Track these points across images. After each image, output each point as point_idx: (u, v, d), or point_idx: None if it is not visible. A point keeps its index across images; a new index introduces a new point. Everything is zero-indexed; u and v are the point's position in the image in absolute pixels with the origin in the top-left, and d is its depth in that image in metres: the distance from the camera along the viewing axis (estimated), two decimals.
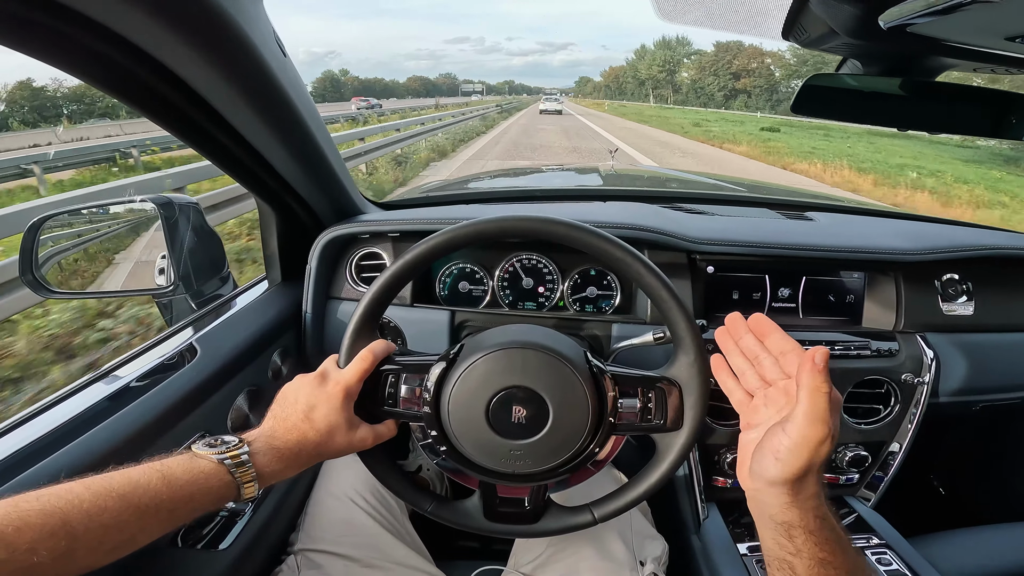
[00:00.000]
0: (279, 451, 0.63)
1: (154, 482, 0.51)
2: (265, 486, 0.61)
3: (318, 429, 0.65)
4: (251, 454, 0.60)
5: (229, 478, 0.57)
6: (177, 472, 0.54)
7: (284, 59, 0.71)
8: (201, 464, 0.56)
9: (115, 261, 1.06)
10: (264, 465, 0.61)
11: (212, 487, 0.56)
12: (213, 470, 0.56)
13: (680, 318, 0.70)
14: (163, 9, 0.52)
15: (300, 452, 0.64)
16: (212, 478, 0.56)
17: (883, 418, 1.04)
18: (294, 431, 0.65)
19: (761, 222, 1.20)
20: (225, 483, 0.57)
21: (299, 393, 0.67)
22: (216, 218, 5.10)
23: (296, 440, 0.64)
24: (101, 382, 0.77)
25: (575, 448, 0.69)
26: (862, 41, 0.67)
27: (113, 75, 0.60)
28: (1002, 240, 1.13)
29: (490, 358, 0.68)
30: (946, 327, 1.07)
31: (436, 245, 0.71)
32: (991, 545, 1.05)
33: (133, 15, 0.51)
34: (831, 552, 0.53)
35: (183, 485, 0.53)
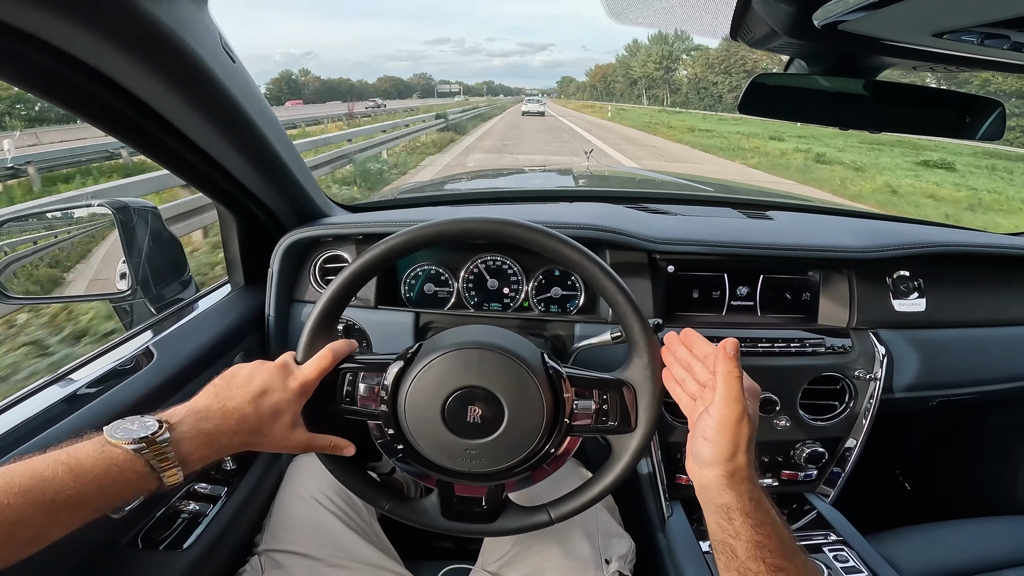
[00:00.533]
0: (208, 435, 0.58)
1: (60, 475, 0.48)
2: (190, 471, 0.57)
3: (260, 414, 0.63)
4: (174, 440, 0.55)
5: (146, 468, 0.53)
6: (86, 463, 0.50)
7: (233, 64, 0.71)
8: (113, 454, 0.51)
9: (71, 266, 1.04)
10: (189, 452, 0.56)
11: (127, 479, 0.51)
12: (127, 461, 0.52)
13: (634, 320, 0.71)
14: (96, 21, 0.52)
15: (233, 436, 0.61)
16: (127, 470, 0.51)
17: (839, 414, 1.07)
18: (235, 413, 0.61)
19: (721, 221, 1.22)
20: (142, 473, 0.52)
21: (255, 375, 0.65)
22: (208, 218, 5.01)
23: (234, 423, 0.61)
24: (56, 385, 0.77)
25: (531, 448, 0.70)
26: (800, 40, 0.68)
27: (54, 84, 0.60)
28: (953, 237, 1.16)
29: (447, 357, 0.69)
30: (898, 323, 1.10)
31: (395, 246, 0.71)
32: (950, 541, 1.07)
33: (66, 28, 0.51)
34: (767, 535, 0.56)
35: (93, 477, 0.49)
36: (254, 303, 1.07)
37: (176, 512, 0.87)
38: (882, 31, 0.62)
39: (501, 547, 0.93)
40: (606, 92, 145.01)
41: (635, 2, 0.75)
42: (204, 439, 0.58)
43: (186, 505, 0.89)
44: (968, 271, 1.16)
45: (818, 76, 0.78)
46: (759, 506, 0.58)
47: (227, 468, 0.98)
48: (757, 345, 1.03)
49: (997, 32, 0.54)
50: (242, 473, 0.98)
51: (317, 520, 0.91)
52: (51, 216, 1.08)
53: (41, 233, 1.08)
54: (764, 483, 1.07)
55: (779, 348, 1.03)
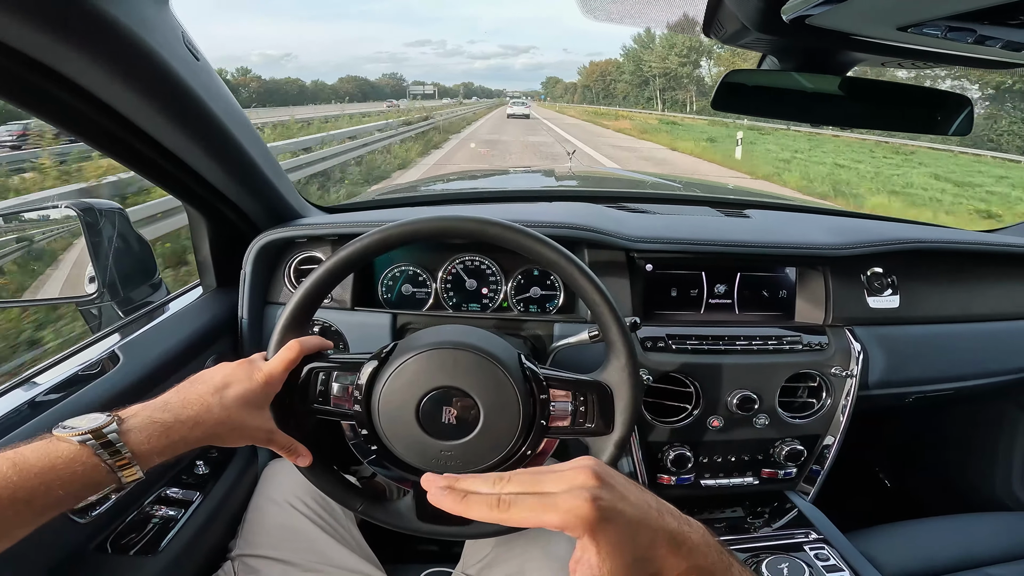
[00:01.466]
0: (165, 425, 0.56)
1: (4, 470, 0.46)
2: (149, 467, 0.55)
3: (225, 405, 0.61)
4: (124, 431, 0.53)
5: (95, 461, 0.51)
6: (30, 458, 0.48)
7: (197, 63, 0.69)
8: (59, 448, 0.50)
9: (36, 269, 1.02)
10: (140, 443, 0.54)
11: (75, 472, 0.50)
12: (73, 454, 0.50)
13: (611, 321, 0.71)
14: (51, 23, 0.50)
15: (195, 427, 0.59)
16: (73, 463, 0.50)
17: (816, 411, 1.07)
18: (196, 403, 0.60)
19: (699, 220, 1.22)
20: (92, 467, 0.51)
21: (217, 371, 0.65)
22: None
23: (194, 413, 0.59)
24: (20, 388, 0.75)
25: (507, 450, 0.69)
26: (769, 36, 0.69)
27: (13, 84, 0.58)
28: (925, 234, 1.17)
29: (422, 357, 0.68)
30: (872, 320, 1.11)
31: (370, 244, 0.70)
32: (930, 538, 1.08)
33: (21, 29, 0.50)
34: None
35: (37, 472, 0.48)
36: (227, 305, 1.05)
37: (147, 517, 0.85)
38: (848, 24, 0.62)
39: (482, 549, 0.92)
40: (604, 94, 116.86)
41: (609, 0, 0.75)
42: (159, 429, 0.56)
43: (157, 510, 0.86)
44: (940, 268, 1.17)
45: (790, 72, 0.79)
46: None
47: (200, 472, 0.95)
48: (735, 343, 1.03)
49: (962, 25, 0.54)
50: (215, 477, 0.95)
51: (292, 524, 0.89)
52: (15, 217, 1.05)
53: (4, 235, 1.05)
54: (744, 482, 1.08)
55: (757, 346, 1.03)
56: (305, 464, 0.71)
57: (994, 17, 0.50)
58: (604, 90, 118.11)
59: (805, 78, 0.78)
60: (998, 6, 0.46)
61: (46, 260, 1.02)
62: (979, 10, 0.48)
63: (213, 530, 0.91)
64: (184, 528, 0.85)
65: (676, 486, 1.07)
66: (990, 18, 0.51)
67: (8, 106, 0.70)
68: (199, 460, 0.96)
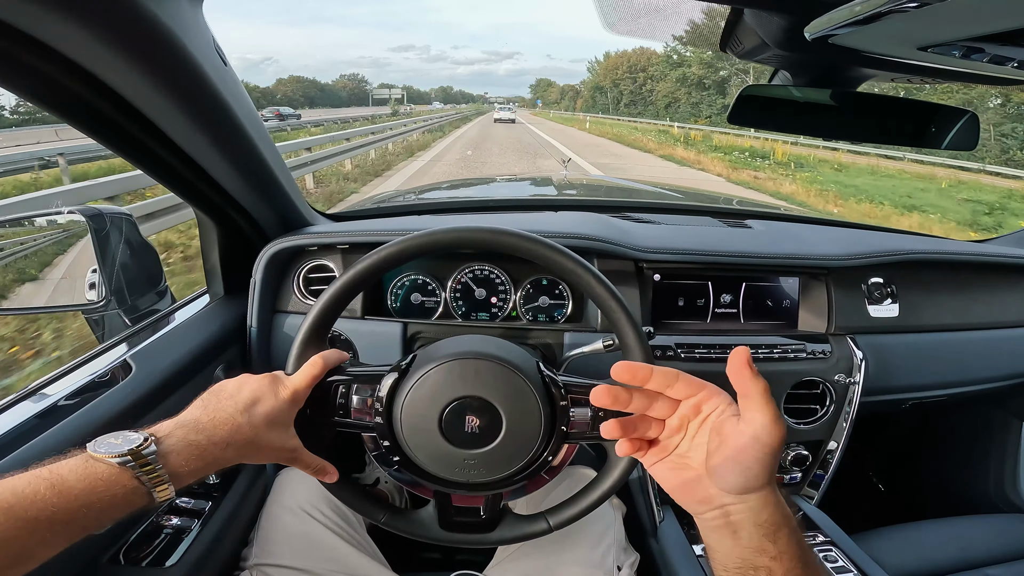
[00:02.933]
0: (199, 447, 0.56)
1: (42, 491, 0.45)
2: (182, 486, 0.55)
3: (254, 424, 0.61)
4: (162, 453, 0.53)
5: (134, 483, 0.50)
6: (69, 480, 0.47)
7: (224, 68, 0.69)
8: (98, 469, 0.49)
9: (41, 275, 1.00)
10: (179, 465, 0.54)
11: (115, 494, 0.49)
12: (113, 475, 0.49)
13: (627, 327, 0.71)
14: (94, 18, 0.50)
15: (227, 448, 0.58)
16: (114, 485, 0.49)
17: (820, 418, 1.09)
18: (227, 424, 0.59)
19: (704, 230, 1.24)
20: (130, 489, 0.50)
21: (243, 386, 0.63)
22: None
23: (227, 434, 0.58)
24: (29, 400, 0.73)
25: (528, 456, 0.69)
26: (789, 52, 0.71)
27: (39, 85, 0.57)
28: (924, 245, 1.21)
29: (443, 368, 0.68)
30: (873, 329, 1.14)
31: (388, 256, 0.70)
32: (931, 540, 1.11)
33: (61, 26, 0.49)
34: (807, 550, 0.52)
35: (77, 495, 0.47)
36: (235, 313, 1.04)
37: (158, 528, 0.84)
38: (870, 44, 0.64)
39: (507, 553, 0.93)
40: (631, 99, 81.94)
41: (628, 14, 0.77)
42: (195, 451, 0.56)
43: (168, 520, 0.85)
44: (938, 278, 1.21)
45: (804, 88, 0.81)
46: (793, 517, 0.52)
47: (210, 482, 0.94)
48: None
49: (980, 46, 0.56)
50: (226, 487, 0.95)
51: (308, 532, 0.89)
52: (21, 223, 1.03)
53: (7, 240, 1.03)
54: None
55: (763, 354, 1.05)
56: (333, 480, 0.71)
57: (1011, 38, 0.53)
58: (634, 92, 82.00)
59: (818, 93, 0.80)
60: (1017, 29, 0.48)
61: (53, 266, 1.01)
62: (1000, 32, 0.50)
63: (226, 540, 0.90)
64: (197, 539, 0.84)
65: None
66: (1008, 39, 0.53)
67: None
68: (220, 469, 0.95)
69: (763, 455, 0.51)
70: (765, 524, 0.51)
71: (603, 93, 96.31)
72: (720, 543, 0.53)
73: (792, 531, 0.51)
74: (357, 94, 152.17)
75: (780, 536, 0.51)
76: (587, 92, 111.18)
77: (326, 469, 0.70)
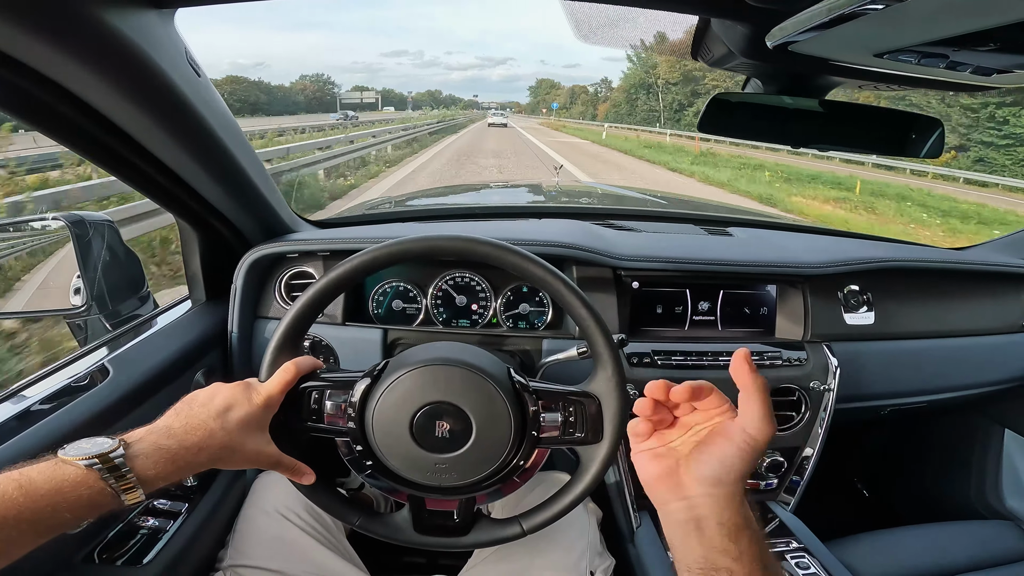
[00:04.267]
0: (170, 452, 0.57)
1: (10, 492, 0.47)
2: (152, 490, 0.56)
3: (228, 429, 0.62)
4: (130, 457, 0.54)
5: (101, 485, 0.52)
6: (37, 481, 0.49)
7: (198, 79, 0.70)
8: (66, 471, 0.51)
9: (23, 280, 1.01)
10: (147, 468, 0.55)
11: (81, 495, 0.50)
12: (80, 477, 0.51)
13: (597, 334, 0.72)
14: (61, 36, 0.51)
15: (199, 452, 0.59)
16: (80, 486, 0.51)
17: (795, 424, 1.10)
18: (199, 429, 0.60)
19: (683, 238, 1.26)
20: (97, 491, 0.51)
21: (216, 394, 0.65)
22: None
23: (199, 439, 0.60)
24: (8, 402, 0.74)
25: (499, 461, 0.70)
26: (754, 60, 0.72)
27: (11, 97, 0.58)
28: (900, 253, 1.22)
29: (414, 374, 0.69)
30: (849, 336, 1.15)
31: (361, 264, 0.71)
32: (908, 546, 1.12)
33: (24, 39, 0.50)
34: (769, 555, 0.52)
35: (44, 495, 0.48)
36: (216, 319, 1.05)
37: (134, 528, 0.84)
38: (828, 51, 0.66)
39: (482, 557, 0.93)
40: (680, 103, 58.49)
41: (602, 25, 0.78)
42: (165, 455, 0.57)
43: (144, 521, 0.86)
44: (913, 286, 1.22)
45: (774, 95, 0.82)
46: (755, 521, 0.53)
47: (188, 484, 0.95)
48: (719, 359, 1.06)
49: (934, 51, 0.58)
50: (203, 489, 0.95)
51: (284, 535, 0.89)
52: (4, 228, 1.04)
53: None
54: None
55: None
56: (309, 482, 0.71)
57: (965, 44, 0.54)
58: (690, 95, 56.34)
59: (787, 100, 0.81)
60: (968, 34, 0.50)
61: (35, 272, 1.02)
62: (950, 38, 0.51)
63: (202, 541, 0.91)
64: (172, 539, 0.84)
65: None
66: (961, 44, 0.54)
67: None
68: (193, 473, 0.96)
69: (745, 448, 0.52)
70: (728, 523, 0.52)
71: (650, 94, 65.45)
72: (684, 540, 0.54)
73: (754, 534, 0.52)
74: (321, 99, 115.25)
75: (742, 538, 0.51)
76: (620, 93, 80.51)
77: (301, 470, 0.71)
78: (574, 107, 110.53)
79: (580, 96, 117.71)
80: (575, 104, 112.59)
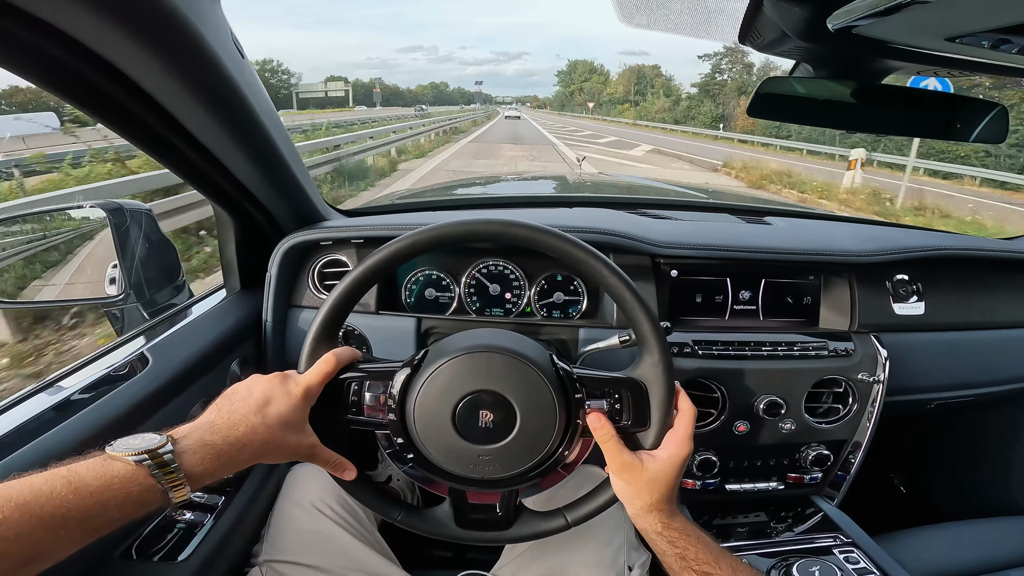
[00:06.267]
0: (215, 448, 0.57)
1: (59, 489, 0.46)
2: (198, 488, 0.56)
3: (269, 424, 0.61)
4: (178, 453, 0.54)
5: (151, 482, 0.51)
6: (87, 478, 0.48)
7: (242, 61, 0.69)
8: (115, 468, 0.50)
9: (62, 269, 1.01)
10: (194, 465, 0.55)
11: (131, 492, 0.50)
12: (129, 474, 0.50)
13: (644, 318, 0.70)
14: (113, 8, 0.50)
15: (243, 449, 0.59)
16: (130, 483, 0.50)
17: (842, 417, 1.07)
18: (241, 425, 0.60)
19: (722, 226, 1.22)
20: (147, 487, 0.51)
21: (254, 387, 0.64)
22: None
23: (241, 435, 0.59)
24: (44, 392, 0.74)
25: (544, 452, 0.68)
26: (811, 44, 0.69)
27: (59, 75, 0.58)
28: (950, 242, 1.18)
29: (455, 362, 0.67)
30: (898, 327, 1.11)
31: (399, 249, 0.69)
32: (956, 541, 1.08)
33: (82, 14, 0.49)
34: (684, 548, 0.67)
35: (93, 492, 0.47)
36: (250, 308, 1.04)
37: (171, 523, 0.84)
38: (895, 35, 0.62)
39: (517, 553, 0.91)
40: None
41: (646, 5, 0.75)
42: (211, 452, 0.56)
43: (181, 515, 0.86)
44: (964, 275, 1.18)
45: (825, 80, 0.79)
46: (669, 525, 0.67)
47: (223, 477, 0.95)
48: (761, 349, 1.03)
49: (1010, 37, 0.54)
50: (239, 482, 0.95)
51: (319, 529, 0.89)
52: (42, 217, 1.05)
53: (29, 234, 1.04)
54: (770, 487, 1.08)
55: (783, 351, 1.03)
56: (351, 478, 0.71)
57: None
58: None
59: (840, 85, 0.78)
60: None
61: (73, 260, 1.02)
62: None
63: (238, 535, 0.90)
64: (209, 534, 0.84)
65: (701, 490, 1.07)
66: None
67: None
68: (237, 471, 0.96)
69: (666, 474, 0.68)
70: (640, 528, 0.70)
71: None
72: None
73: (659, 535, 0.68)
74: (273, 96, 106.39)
75: (654, 540, 0.69)
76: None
77: (344, 465, 0.70)
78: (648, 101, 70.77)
79: (656, 80, 76.71)
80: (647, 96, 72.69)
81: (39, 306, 1.64)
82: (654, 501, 0.67)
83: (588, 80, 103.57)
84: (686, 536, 0.66)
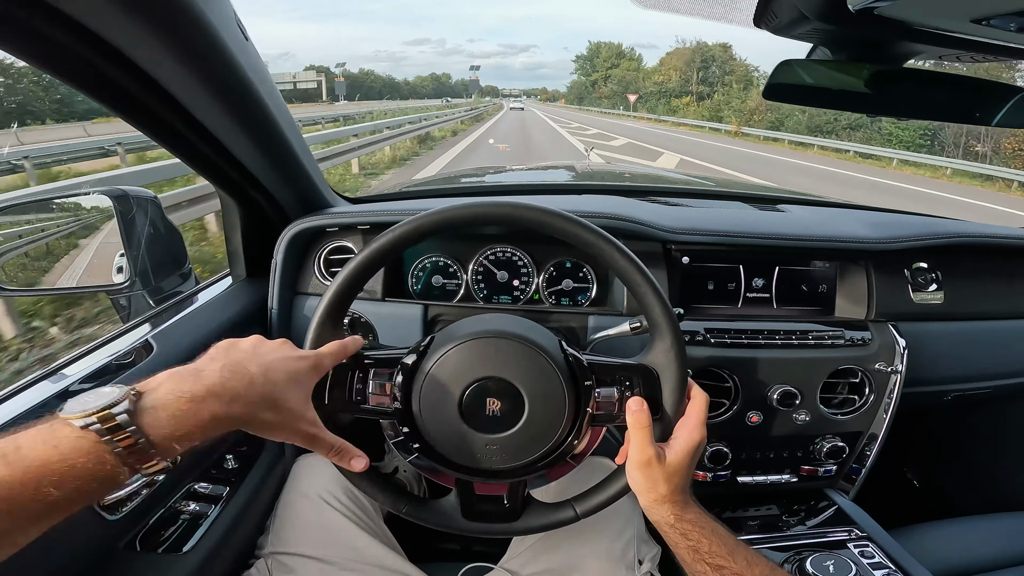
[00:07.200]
0: (195, 400, 0.45)
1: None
2: (173, 455, 0.43)
3: (269, 377, 0.51)
4: (141, 410, 0.42)
5: (100, 450, 0.39)
6: (24, 447, 0.37)
7: (246, 43, 0.68)
8: (59, 434, 0.39)
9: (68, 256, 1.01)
10: (160, 425, 0.42)
11: (75, 465, 0.38)
12: (73, 441, 0.39)
13: (655, 303, 0.68)
14: None
15: (232, 402, 0.48)
16: (71, 453, 0.38)
17: (858, 408, 1.04)
18: (236, 375, 0.49)
19: (735, 213, 1.20)
20: (96, 458, 0.39)
21: (259, 342, 0.56)
22: None
23: (233, 386, 0.48)
24: (48, 380, 0.73)
25: (553, 441, 0.67)
26: (832, 25, 0.66)
27: (61, 59, 0.57)
28: (969, 229, 1.14)
29: (462, 348, 0.66)
30: (917, 316, 1.08)
31: (404, 233, 0.67)
32: (974, 535, 1.06)
33: None
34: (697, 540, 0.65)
35: (29, 464, 0.37)
36: (256, 295, 1.04)
37: (176, 513, 0.83)
38: (920, 16, 0.59)
39: (526, 546, 0.90)
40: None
41: None
42: (185, 404, 0.45)
43: (186, 506, 0.85)
44: (985, 263, 1.15)
45: (845, 63, 0.76)
46: (683, 517, 0.65)
47: (229, 467, 0.94)
48: (775, 337, 1.01)
49: None
50: (244, 472, 0.94)
51: (325, 521, 0.88)
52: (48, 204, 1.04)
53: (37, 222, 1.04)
54: (783, 479, 1.06)
55: (797, 340, 1.01)
56: (360, 467, 0.64)
57: None
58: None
59: (859, 68, 0.75)
60: None
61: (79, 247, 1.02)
62: None
63: (243, 526, 0.90)
64: (214, 525, 0.83)
65: (712, 482, 1.05)
66: None
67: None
68: (228, 454, 0.95)
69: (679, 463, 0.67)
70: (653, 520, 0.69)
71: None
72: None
73: (672, 528, 0.66)
74: None
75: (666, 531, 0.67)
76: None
77: (348, 452, 0.64)
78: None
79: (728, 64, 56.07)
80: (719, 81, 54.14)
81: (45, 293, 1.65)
82: (668, 492, 0.65)
83: (616, 66, 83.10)
84: (700, 528, 0.64)
